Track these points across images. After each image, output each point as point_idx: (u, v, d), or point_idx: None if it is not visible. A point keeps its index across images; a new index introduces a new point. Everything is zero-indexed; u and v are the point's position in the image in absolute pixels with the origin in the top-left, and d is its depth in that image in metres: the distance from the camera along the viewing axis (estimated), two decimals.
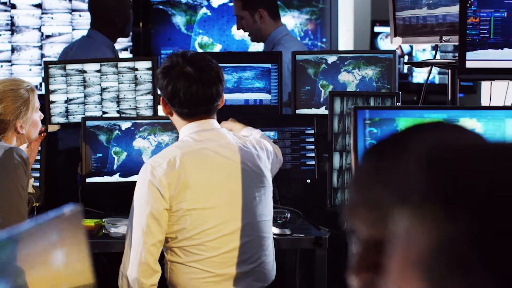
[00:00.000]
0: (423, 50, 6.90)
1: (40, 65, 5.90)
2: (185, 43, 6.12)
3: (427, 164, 0.82)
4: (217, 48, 6.24)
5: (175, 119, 3.30)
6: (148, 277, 3.11)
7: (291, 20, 6.22)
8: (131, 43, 6.12)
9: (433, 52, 6.66)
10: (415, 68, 6.92)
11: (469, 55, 3.07)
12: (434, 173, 0.81)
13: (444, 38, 3.52)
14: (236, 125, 3.83)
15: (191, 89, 3.18)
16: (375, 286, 1.15)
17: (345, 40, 6.98)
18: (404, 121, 2.81)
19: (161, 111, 4.30)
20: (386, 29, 7.03)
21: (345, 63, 4.56)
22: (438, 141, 0.85)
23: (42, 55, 5.96)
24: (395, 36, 3.78)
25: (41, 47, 5.98)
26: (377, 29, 7.12)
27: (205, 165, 3.22)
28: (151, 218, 3.10)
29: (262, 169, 3.36)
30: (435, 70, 6.59)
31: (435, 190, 0.80)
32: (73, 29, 5.99)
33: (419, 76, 6.96)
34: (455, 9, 3.34)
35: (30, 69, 5.94)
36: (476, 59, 3.05)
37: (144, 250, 3.10)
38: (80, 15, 5.98)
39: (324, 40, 6.41)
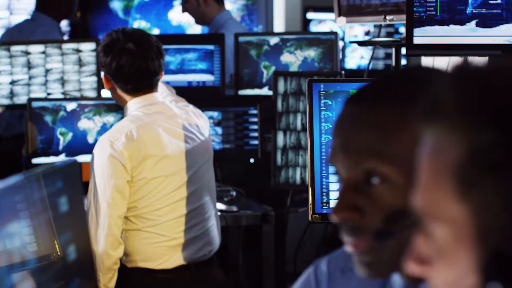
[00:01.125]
0: (355, 36, 7.05)
1: None
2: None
3: (457, 80, 0.90)
4: (155, 33, 6.26)
5: (119, 94, 3.36)
6: (115, 249, 3.20)
7: (228, 5, 6.28)
8: (69, 28, 6.10)
9: (366, 38, 6.83)
10: (347, 53, 7.06)
11: (416, 31, 3.18)
12: (464, 88, 0.89)
13: (388, 17, 3.63)
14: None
15: (135, 65, 3.26)
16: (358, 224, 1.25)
17: (278, 27, 7.08)
18: None
19: (105, 92, 4.34)
20: (319, 16, 7.16)
21: (287, 44, 4.65)
22: (464, 62, 0.93)
23: None
24: (339, 16, 3.88)
25: None
26: (309, 15, 7.23)
27: (159, 136, 3.30)
28: (115, 191, 3.19)
29: (206, 137, 3.50)
30: (367, 55, 6.74)
31: (466, 103, 0.87)
32: (11, 14, 5.94)
33: (352, 62, 7.10)
34: None
35: None
36: (423, 35, 3.17)
37: (112, 222, 3.18)
38: (18, 0, 5.94)
39: (260, 25, 6.50)
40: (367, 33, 6.81)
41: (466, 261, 0.87)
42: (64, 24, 5.81)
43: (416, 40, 3.19)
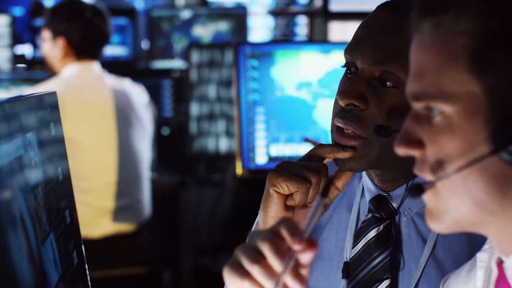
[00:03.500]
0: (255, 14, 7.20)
1: None
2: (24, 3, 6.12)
3: None
4: None
5: (67, 59, 3.41)
6: None
7: None
8: None
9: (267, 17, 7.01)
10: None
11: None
12: None
13: None
14: None
15: (97, 33, 3.38)
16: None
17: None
18: (281, 54, 3.09)
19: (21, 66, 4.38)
20: None
21: (199, 17, 4.78)
22: None
23: None
24: None
25: None
26: None
27: (86, 101, 3.38)
28: None
29: (140, 109, 3.56)
30: (267, 32, 6.91)
31: None
32: None
33: (253, 37, 7.26)
34: None
35: None
36: (339, 2, 3.36)
37: None
38: None
39: None
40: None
41: (475, 132, 0.98)
42: None
43: (332, 7, 3.38)
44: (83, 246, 1.67)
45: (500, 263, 1.09)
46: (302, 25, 5.12)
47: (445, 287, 1.27)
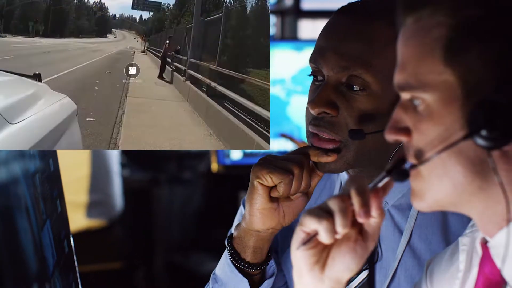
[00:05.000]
0: None
1: None
2: None
3: None
4: None
5: None
6: None
7: None
8: None
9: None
10: None
11: None
12: None
13: None
14: None
15: None
16: None
17: None
18: None
19: None
20: None
21: None
22: None
23: None
24: None
25: None
26: None
27: None
28: None
29: None
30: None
31: None
32: None
33: None
34: None
35: None
36: (311, 1, 3.41)
37: None
38: None
39: None
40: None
41: (454, 119, 1.05)
42: None
43: (304, 6, 3.43)
44: (71, 236, 1.71)
45: (484, 244, 1.15)
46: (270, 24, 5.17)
47: (428, 270, 1.33)
